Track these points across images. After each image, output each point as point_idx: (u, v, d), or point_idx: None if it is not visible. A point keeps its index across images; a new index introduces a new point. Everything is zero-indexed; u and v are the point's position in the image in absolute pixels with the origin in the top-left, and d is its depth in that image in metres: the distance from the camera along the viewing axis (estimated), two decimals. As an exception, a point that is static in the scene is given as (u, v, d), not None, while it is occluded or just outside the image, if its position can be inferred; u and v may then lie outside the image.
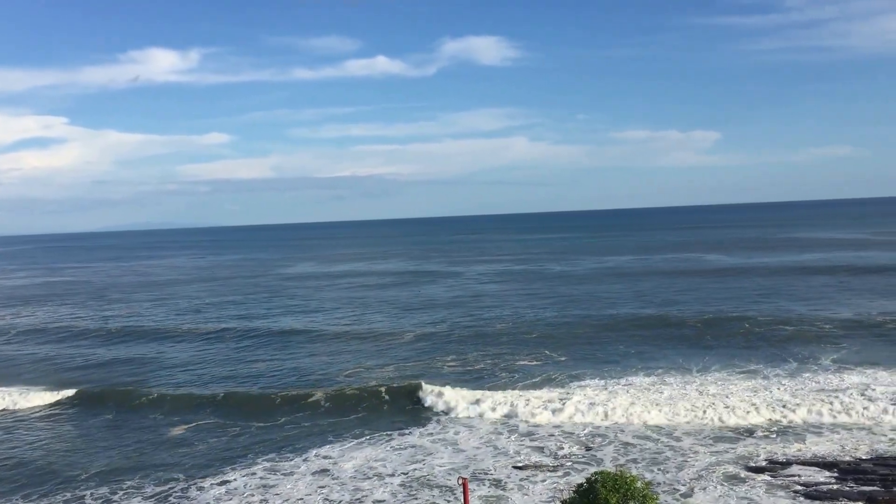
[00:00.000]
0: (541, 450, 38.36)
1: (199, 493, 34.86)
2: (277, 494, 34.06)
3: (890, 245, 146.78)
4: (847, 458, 34.80)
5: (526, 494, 32.88)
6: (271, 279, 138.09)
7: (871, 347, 56.14)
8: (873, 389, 44.90)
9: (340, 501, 33.07)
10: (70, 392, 54.27)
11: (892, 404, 41.55)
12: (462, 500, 25.76)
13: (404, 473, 36.10)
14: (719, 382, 48.57)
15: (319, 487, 34.70)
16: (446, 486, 34.05)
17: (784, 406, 42.40)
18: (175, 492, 35.17)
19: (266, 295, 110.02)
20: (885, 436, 37.44)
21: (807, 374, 49.51)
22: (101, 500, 34.53)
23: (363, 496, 33.61)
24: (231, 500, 33.79)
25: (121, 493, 35.30)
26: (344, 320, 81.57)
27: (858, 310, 71.10)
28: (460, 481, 27.75)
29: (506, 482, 34.27)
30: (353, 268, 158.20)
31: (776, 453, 36.12)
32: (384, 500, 33.10)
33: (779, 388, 46.31)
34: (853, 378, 48.02)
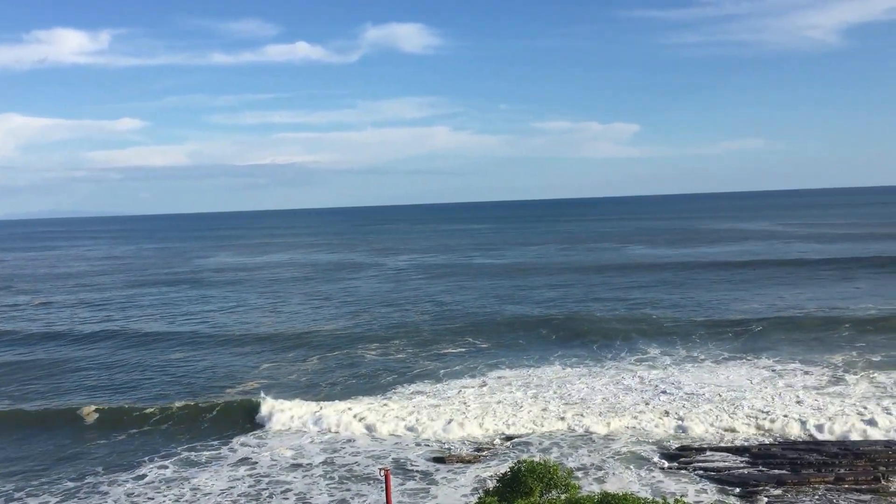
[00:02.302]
0: (463, 440, 38.58)
1: (110, 487, 33.88)
2: (195, 489, 33.29)
3: (798, 236, 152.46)
4: (757, 444, 36.08)
5: (449, 485, 33.02)
6: (189, 271, 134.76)
7: (779, 337, 58.15)
8: (781, 377, 46.86)
9: (261, 493, 32.57)
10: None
11: (800, 391, 43.42)
12: (385, 491, 25.63)
13: (326, 463, 35.93)
14: (628, 373, 49.66)
15: (235, 480, 34.11)
16: (370, 477, 33.91)
17: (695, 395, 43.76)
18: (86, 486, 34.15)
19: (185, 286, 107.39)
20: (794, 422, 38.80)
21: (717, 365, 51.20)
22: (2, 498, 33.12)
23: (286, 488, 33.24)
24: (145, 492, 32.92)
25: (28, 489, 33.97)
26: (265, 314, 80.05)
27: (770, 301, 73.75)
28: (382, 472, 27.57)
29: (432, 474, 34.38)
30: (273, 259, 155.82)
31: (690, 440, 37.17)
32: (306, 492, 32.85)
33: (690, 377, 47.78)
34: (762, 368, 49.91)
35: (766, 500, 30.25)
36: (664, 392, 44.51)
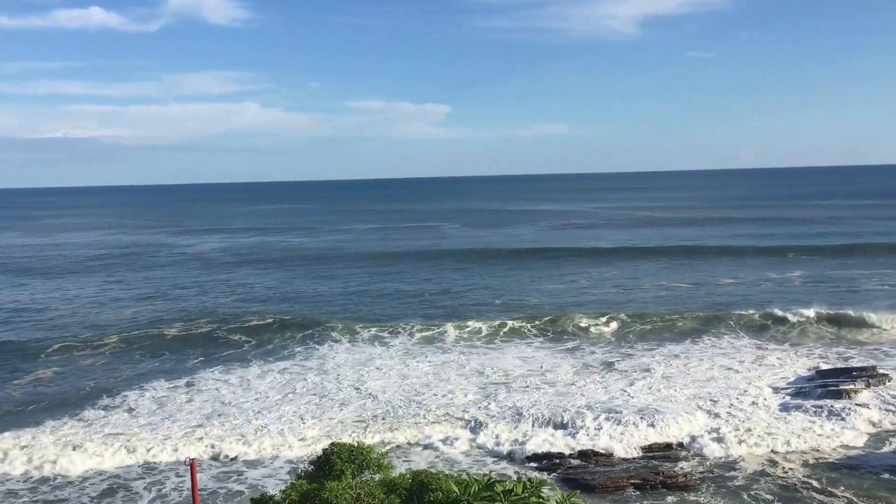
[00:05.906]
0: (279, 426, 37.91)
1: None
2: None
3: (604, 218, 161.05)
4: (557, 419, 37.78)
5: (262, 470, 32.53)
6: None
7: (574, 321, 60.22)
8: (575, 354, 49.62)
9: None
10: None
11: (599, 368, 46.26)
12: (191, 481, 24.60)
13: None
14: (420, 357, 49.98)
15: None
16: (177, 466, 32.71)
17: (480, 376, 45.51)
18: None
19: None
20: (593, 397, 41.08)
21: (513, 347, 53.33)
22: None
23: (85, 477, 31.61)
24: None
25: None
26: (53, 302, 73.57)
27: (566, 284, 77.51)
28: (188, 462, 26.60)
29: (240, 457, 33.74)
30: (66, 240, 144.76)
31: (483, 419, 38.41)
32: (117, 475, 31.77)
33: (488, 360, 49.65)
34: (555, 350, 52.59)
35: (566, 472, 31.87)
36: (464, 376, 45.81)
